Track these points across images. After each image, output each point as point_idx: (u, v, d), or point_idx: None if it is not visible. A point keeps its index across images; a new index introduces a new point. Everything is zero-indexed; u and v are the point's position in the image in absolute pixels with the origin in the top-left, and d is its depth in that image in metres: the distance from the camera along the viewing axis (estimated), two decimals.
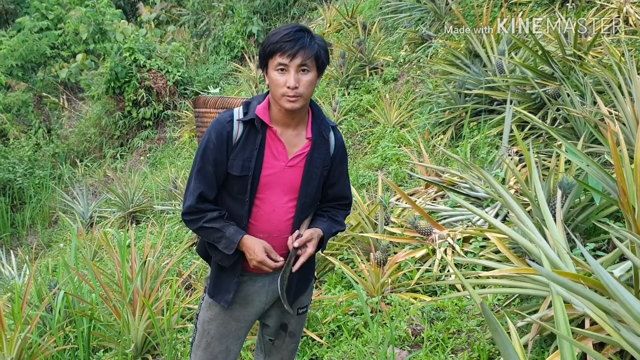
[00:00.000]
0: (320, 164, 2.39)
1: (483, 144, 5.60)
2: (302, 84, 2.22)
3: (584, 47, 5.47)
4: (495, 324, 1.75)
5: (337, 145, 2.46)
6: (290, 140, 2.36)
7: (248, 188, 2.33)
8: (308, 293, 2.64)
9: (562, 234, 3.14)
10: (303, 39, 2.21)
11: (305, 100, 2.27)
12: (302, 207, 2.40)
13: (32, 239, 9.75)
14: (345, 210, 2.58)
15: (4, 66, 13.54)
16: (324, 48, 2.28)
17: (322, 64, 2.29)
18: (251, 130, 2.33)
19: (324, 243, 2.43)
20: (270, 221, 2.38)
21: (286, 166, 2.35)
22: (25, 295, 4.10)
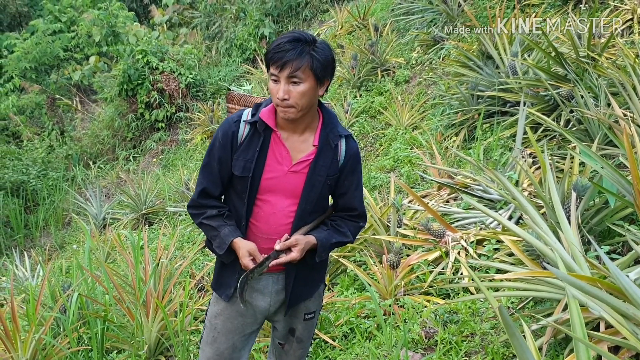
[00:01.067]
0: (325, 172, 2.37)
1: (496, 146, 5.58)
2: (292, 95, 2.21)
3: (598, 49, 5.44)
4: (512, 328, 1.74)
5: (348, 155, 2.42)
6: (296, 145, 2.37)
7: (247, 189, 2.35)
8: (315, 299, 2.62)
9: (577, 237, 3.12)
10: (294, 50, 2.18)
11: (301, 110, 2.25)
12: (302, 213, 2.39)
13: (45, 241, 9.81)
14: (354, 222, 2.53)
15: (18, 69, 13.64)
16: (322, 58, 2.23)
17: (320, 74, 2.24)
18: (256, 133, 2.36)
19: (319, 251, 2.39)
20: (270, 223, 2.40)
21: (289, 171, 2.35)
22: (39, 296, 4.12)
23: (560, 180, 3.81)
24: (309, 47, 2.21)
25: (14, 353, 3.58)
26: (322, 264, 2.58)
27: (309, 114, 2.33)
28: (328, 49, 2.28)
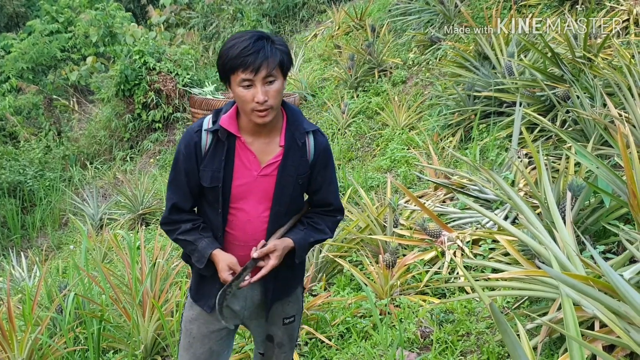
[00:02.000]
0: (294, 172, 2.30)
1: (492, 146, 5.59)
2: (270, 95, 2.13)
3: (594, 49, 5.45)
4: (505, 326, 1.75)
5: (318, 151, 2.34)
6: (262, 148, 2.29)
7: (219, 199, 2.29)
8: (294, 302, 2.56)
9: (571, 237, 3.14)
10: (264, 49, 2.10)
11: (276, 110, 2.20)
12: (276, 216, 2.33)
13: (42, 241, 9.80)
14: (332, 217, 2.47)
15: (15, 69, 13.62)
16: (287, 52, 2.18)
17: (286, 69, 2.20)
18: (219, 141, 2.28)
19: (298, 253, 2.34)
20: (246, 231, 2.34)
21: (259, 175, 2.29)
22: (35, 296, 4.13)
23: (555, 180, 3.83)
24: (274, 43, 2.14)
25: (10, 353, 3.59)
26: (299, 265, 2.51)
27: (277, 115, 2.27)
28: (285, 43, 2.23)
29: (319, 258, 4.50)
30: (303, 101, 9.83)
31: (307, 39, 12.17)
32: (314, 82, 10.01)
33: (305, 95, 9.78)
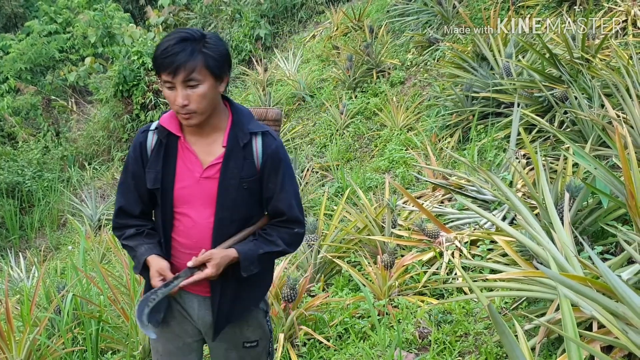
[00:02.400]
0: (237, 175, 2.18)
1: (490, 146, 5.60)
2: (192, 99, 2.06)
3: (592, 50, 5.46)
4: (503, 327, 1.75)
5: (266, 154, 2.21)
6: (204, 149, 2.21)
7: (161, 201, 2.23)
8: (254, 327, 2.42)
9: (569, 237, 3.14)
10: (183, 52, 2.02)
11: (203, 114, 2.11)
12: (221, 222, 2.21)
13: (40, 242, 9.80)
14: (287, 228, 2.29)
15: (13, 70, 13.62)
16: (215, 53, 2.08)
17: (218, 71, 2.09)
18: (163, 141, 2.23)
19: (244, 265, 2.19)
20: (191, 237, 2.24)
21: (201, 178, 2.19)
22: (34, 297, 4.13)
23: (553, 181, 3.83)
24: (199, 45, 2.05)
25: (9, 354, 3.59)
26: (256, 283, 2.35)
27: (214, 115, 2.18)
28: (220, 42, 2.13)
29: (317, 259, 4.50)
30: (301, 102, 9.84)
31: (305, 39, 12.17)
32: (312, 82, 10.01)
33: (303, 95, 9.78)
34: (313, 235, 4.53)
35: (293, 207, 2.27)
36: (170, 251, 2.29)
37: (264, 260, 2.26)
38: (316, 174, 7.43)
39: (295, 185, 2.32)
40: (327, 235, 4.77)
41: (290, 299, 3.67)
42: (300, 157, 7.84)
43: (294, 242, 2.34)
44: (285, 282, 3.73)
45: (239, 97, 11.32)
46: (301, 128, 9.07)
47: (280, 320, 3.68)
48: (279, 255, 2.36)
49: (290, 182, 2.28)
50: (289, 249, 2.32)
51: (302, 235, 2.36)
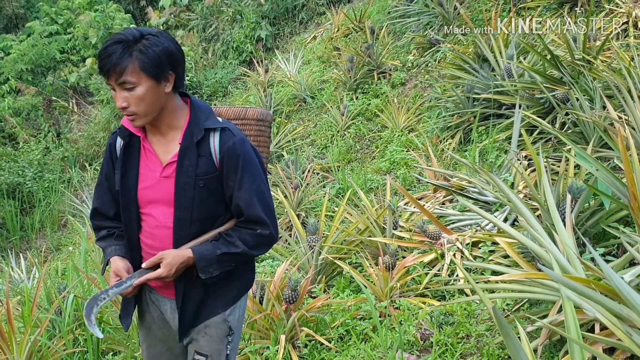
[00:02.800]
0: (193, 172, 2.13)
1: (491, 148, 5.59)
2: (130, 101, 2.03)
3: (593, 52, 5.46)
4: (507, 329, 1.75)
5: (222, 151, 2.14)
6: (163, 148, 2.19)
7: (126, 203, 2.22)
8: (212, 339, 2.29)
9: (571, 239, 3.14)
10: (114, 55, 1.99)
11: (146, 116, 2.08)
12: (180, 222, 2.17)
13: (41, 243, 9.80)
14: (248, 229, 2.19)
15: (14, 70, 13.62)
16: (149, 55, 2.02)
17: (155, 71, 2.03)
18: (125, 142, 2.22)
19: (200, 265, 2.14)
20: (155, 237, 2.23)
21: (161, 177, 2.18)
22: (35, 298, 4.12)
23: (555, 183, 3.83)
24: (131, 47, 2.01)
25: (10, 355, 3.58)
26: (224, 287, 2.29)
27: (167, 114, 2.15)
28: (160, 41, 2.05)
29: (318, 260, 4.50)
30: (302, 103, 9.83)
31: (306, 41, 12.17)
32: (313, 84, 10.01)
33: (304, 97, 9.78)
34: (314, 237, 4.53)
35: (253, 206, 2.17)
36: (140, 252, 2.28)
37: (224, 262, 2.18)
38: (317, 175, 7.42)
39: (259, 183, 2.20)
40: (328, 236, 4.76)
41: (291, 300, 3.66)
42: (301, 158, 7.84)
43: (257, 245, 2.22)
44: (286, 284, 3.72)
45: (240, 98, 11.32)
46: (302, 129, 9.07)
47: (282, 322, 3.67)
48: (244, 258, 2.24)
49: (251, 180, 2.17)
50: (252, 251, 2.21)
51: (267, 237, 2.22)
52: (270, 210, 2.23)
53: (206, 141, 2.15)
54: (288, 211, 5.35)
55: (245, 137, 2.21)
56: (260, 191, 2.19)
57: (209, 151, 2.15)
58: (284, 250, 5.18)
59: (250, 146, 2.20)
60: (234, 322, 2.34)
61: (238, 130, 2.21)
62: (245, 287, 2.40)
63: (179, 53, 2.13)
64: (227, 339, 2.32)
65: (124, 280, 2.16)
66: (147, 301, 2.40)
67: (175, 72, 2.11)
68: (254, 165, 2.19)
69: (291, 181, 6.63)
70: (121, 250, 2.27)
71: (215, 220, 2.23)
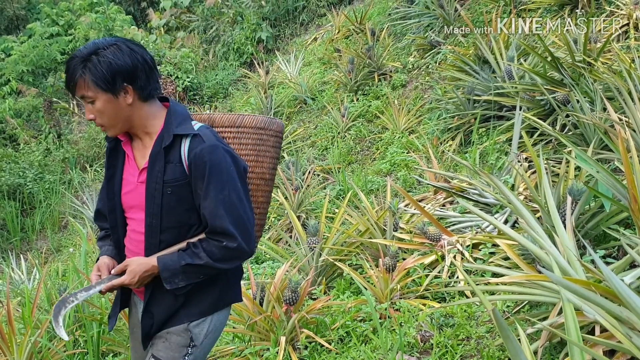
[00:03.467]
0: (161, 178, 2.10)
1: (492, 150, 5.60)
2: (95, 114, 2.08)
3: (594, 53, 5.46)
4: (506, 331, 1.75)
5: (190, 158, 2.08)
6: (140, 153, 2.20)
7: (111, 206, 2.25)
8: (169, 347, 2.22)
9: (572, 241, 3.13)
10: (70, 71, 2.05)
11: (113, 127, 2.11)
12: (151, 228, 2.14)
13: (41, 244, 9.80)
14: (216, 241, 2.11)
15: (15, 72, 13.61)
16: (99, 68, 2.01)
17: (106, 85, 2.02)
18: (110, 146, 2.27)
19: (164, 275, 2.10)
20: (132, 242, 2.24)
21: (138, 182, 2.18)
22: (35, 299, 4.12)
23: (555, 185, 3.83)
24: (82, 63, 2.03)
25: (10, 356, 3.59)
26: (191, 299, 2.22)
27: (136, 124, 2.14)
28: (111, 56, 2.03)
29: (318, 262, 4.50)
30: (303, 104, 9.84)
31: (307, 42, 12.19)
32: (314, 85, 10.02)
33: (305, 98, 9.79)
34: (315, 238, 4.53)
35: (218, 217, 2.08)
36: (125, 256, 2.29)
37: (190, 273, 2.11)
38: (317, 176, 7.43)
39: (229, 193, 2.10)
40: (328, 238, 4.77)
41: (291, 301, 3.66)
42: (302, 159, 7.85)
43: (225, 258, 2.12)
44: (287, 285, 3.72)
45: (241, 100, 11.34)
46: (302, 131, 9.07)
47: (282, 323, 3.67)
48: (210, 271, 2.15)
49: (219, 189, 2.08)
50: (217, 264, 2.11)
51: (234, 250, 2.11)
52: (241, 221, 2.12)
53: (177, 147, 2.11)
54: (288, 213, 5.35)
55: (218, 144, 2.11)
56: (229, 201, 2.09)
57: (179, 157, 2.11)
58: (284, 252, 5.18)
59: (223, 154, 2.11)
60: (199, 336, 2.25)
61: (212, 137, 2.12)
62: (220, 303, 2.31)
63: (141, 62, 2.08)
64: (187, 350, 2.23)
65: (93, 285, 2.16)
66: (132, 303, 2.42)
67: (132, 84, 2.08)
68: (224, 173, 2.09)
69: (292, 183, 6.63)
70: (112, 252, 2.30)
71: (189, 229, 2.18)
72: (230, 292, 2.34)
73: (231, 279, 2.34)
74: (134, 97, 2.09)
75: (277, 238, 6.18)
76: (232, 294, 2.36)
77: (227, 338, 4.02)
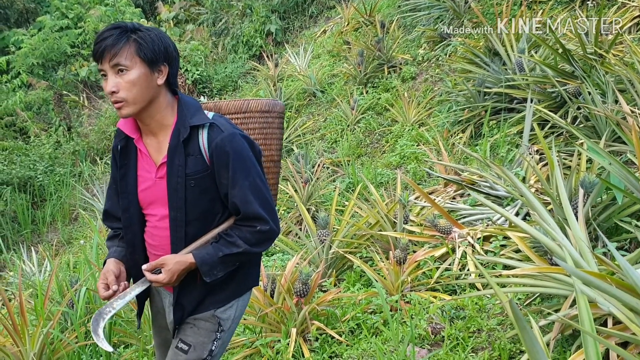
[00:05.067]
0: (182, 172, 2.09)
1: (503, 142, 5.58)
2: (121, 86, 2.00)
3: (605, 45, 5.42)
4: (523, 322, 1.74)
5: (212, 148, 2.08)
6: (156, 148, 2.17)
7: (128, 205, 2.22)
8: (198, 331, 2.26)
9: (584, 233, 3.12)
10: (111, 37, 1.98)
11: (135, 104, 2.03)
12: (175, 223, 2.14)
13: (52, 236, 9.85)
14: (249, 227, 2.14)
15: (25, 65, 13.66)
16: (147, 40, 2.02)
17: (150, 57, 2.02)
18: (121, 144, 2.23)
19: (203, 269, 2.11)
20: (154, 237, 2.23)
21: (156, 178, 2.15)
22: (47, 291, 4.15)
23: (567, 177, 3.81)
24: (130, 33, 2.01)
25: (22, 347, 3.61)
26: (217, 287, 2.25)
27: (154, 111, 2.11)
28: (157, 34, 2.06)
29: (328, 254, 4.50)
30: (312, 97, 9.83)
31: (316, 35, 12.16)
32: (323, 78, 10.00)
33: (314, 91, 9.78)
34: (325, 231, 4.53)
35: (249, 203, 2.10)
36: (144, 252, 2.30)
37: (227, 263, 2.15)
38: (327, 169, 7.43)
39: (254, 178, 2.12)
40: (338, 230, 4.77)
41: (302, 293, 3.67)
42: (311, 152, 7.84)
43: (259, 241, 2.16)
44: (297, 277, 3.73)
45: (250, 93, 11.33)
46: (312, 123, 9.07)
47: (293, 315, 3.68)
48: (247, 257, 2.20)
49: (245, 176, 2.09)
50: (254, 249, 2.16)
51: (268, 232, 2.15)
52: (268, 204, 2.16)
53: (195, 139, 2.11)
54: (298, 205, 5.35)
55: (235, 131, 2.12)
56: (256, 186, 2.12)
57: (199, 149, 2.10)
58: (294, 244, 5.19)
59: (241, 140, 2.12)
60: (227, 321, 2.31)
61: (228, 125, 2.14)
62: (243, 288, 2.36)
63: (175, 51, 2.12)
64: (215, 335, 2.28)
65: (128, 291, 2.16)
66: (155, 291, 2.43)
67: (169, 65, 2.10)
68: (247, 160, 2.11)
69: (301, 175, 6.63)
70: (120, 253, 2.28)
71: (213, 218, 2.19)
72: (251, 278, 2.38)
73: (252, 265, 2.38)
74: (164, 81, 2.09)
75: (287, 230, 6.18)
76: (252, 279, 2.40)
77: (238, 329, 4.03)
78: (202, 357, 2.26)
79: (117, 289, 2.14)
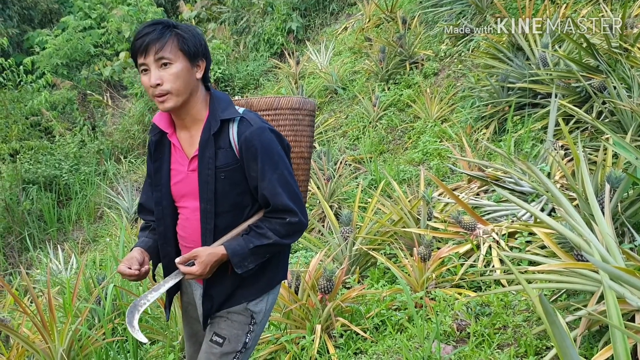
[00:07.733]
0: (213, 164, 2.14)
1: (527, 138, 5.54)
2: (165, 79, 2.06)
3: (630, 39, 5.36)
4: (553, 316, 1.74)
5: (240, 142, 2.13)
6: (188, 142, 2.23)
7: (161, 198, 2.28)
8: (232, 323, 2.30)
9: (611, 228, 3.09)
10: (154, 32, 2.05)
11: (178, 96, 2.10)
12: (206, 215, 2.19)
13: (78, 234, 9.96)
14: (279, 219, 2.18)
15: (50, 65, 13.83)
16: (188, 35, 2.10)
17: (191, 51, 2.10)
18: (155, 138, 2.30)
19: (234, 261, 2.15)
20: (186, 229, 2.28)
21: (189, 171, 2.21)
22: (75, 288, 4.20)
23: (593, 172, 3.78)
24: (172, 28, 2.09)
25: (51, 343, 3.66)
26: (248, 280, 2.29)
27: (191, 104, 2.17)
28: (194, 28, 2.16)
29: (352, 251, 4.51)
30: (334, 94, 9.83)
31: (337, 32, 12.15)
32: (344, 75, 10.00)
33: (335, 88, 9.78)
34: (348, 228, 4.54)
35: (279, 195, 2.15)
36: (176, 244, 2.35)
37: (258, 254, 2.19)
38: (349, 166, 7.43)
39: (282, 171, 2.17)
40: (361, 227, 4.77)
41: (326, 290, 3.68)
42: (333, 149, 7.85)
43: (289, 233, 2.21)
44: (321, 274, 3.74)
45: (271, 90, 11.36)
46: (334, 121, 9.07)
47: (317, 312, 3.69)
48: (277, 248, 2.24)
49: (273, 169, 2.14)
50: (284, 240, 2.21)
51: (298, 224, 2.20)
52: (297, 196, 2.20)
53: (225, 133, 2.16)
54: (321, 202, 5.36)
55: (264, 125, 2.17)
56: (284, 179, 2.16)
57: (229, 143, 2.15)
58: (317, 241, 5.20)
59: (270, 134, 2.17)
60: (259, 314, 2.35)
61: (257, 120, 2.19)
62: (274, 281, 2.40)
63: (208, 48, 2.21)
64: (249, 327, 2.32)
65: (161, 284, 2.21)
66: (185, 283, 2.47)
67: (206, 60, 2.19)
68: (275, 153, 2.16)
69: (324, 172, 6.64)
70: (147, 244, 2.34)
71: (243, 211, 2.24)
72: (280, 271, 2.43)
73: (282, 258, 2.42)
74: (201, 76, 2.17)
75: (310, 227, 6.20)
76: (282, 272, 2.45)
77: None
78: (237, 350, 2.30)
79: (137, 272, 2.18)
